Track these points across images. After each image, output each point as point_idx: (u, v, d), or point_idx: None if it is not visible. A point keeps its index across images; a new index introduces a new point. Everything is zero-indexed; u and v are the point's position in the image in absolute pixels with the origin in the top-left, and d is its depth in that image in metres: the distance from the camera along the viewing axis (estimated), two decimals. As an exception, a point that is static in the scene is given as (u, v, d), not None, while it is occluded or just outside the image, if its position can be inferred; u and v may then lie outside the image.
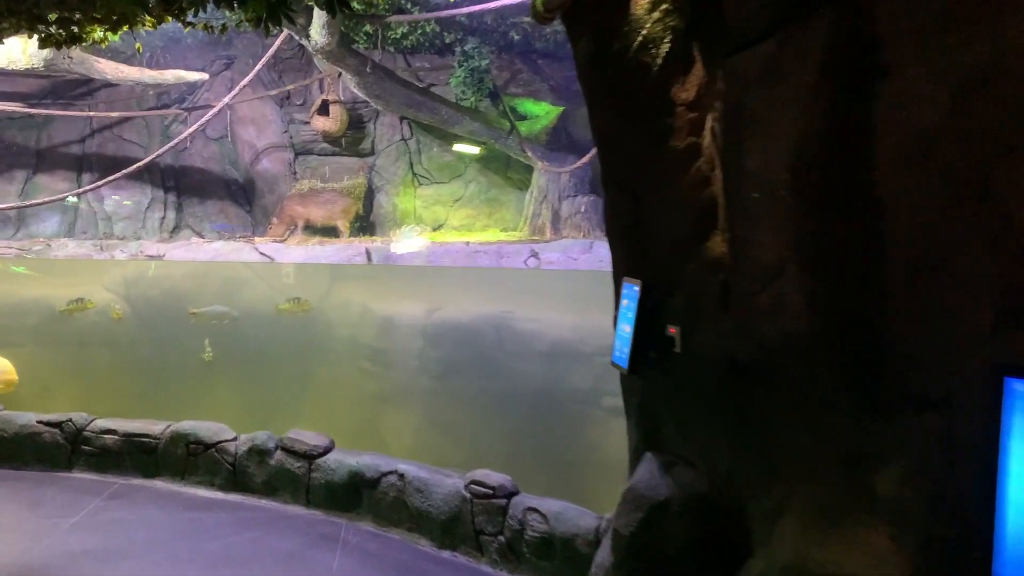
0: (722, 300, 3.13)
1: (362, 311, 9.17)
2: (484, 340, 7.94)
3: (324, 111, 12.38)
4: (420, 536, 5.72)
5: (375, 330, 8.83)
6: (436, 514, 5.56)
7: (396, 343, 8.57)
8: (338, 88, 12.41)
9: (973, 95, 1.90)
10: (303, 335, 9.21)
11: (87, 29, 5.73)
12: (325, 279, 9.80)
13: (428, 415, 8.04)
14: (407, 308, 8.70)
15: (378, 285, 9.51)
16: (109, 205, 12.69)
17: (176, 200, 13.00)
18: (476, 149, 12.47)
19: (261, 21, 5.47)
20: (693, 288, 3.36)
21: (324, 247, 9.97)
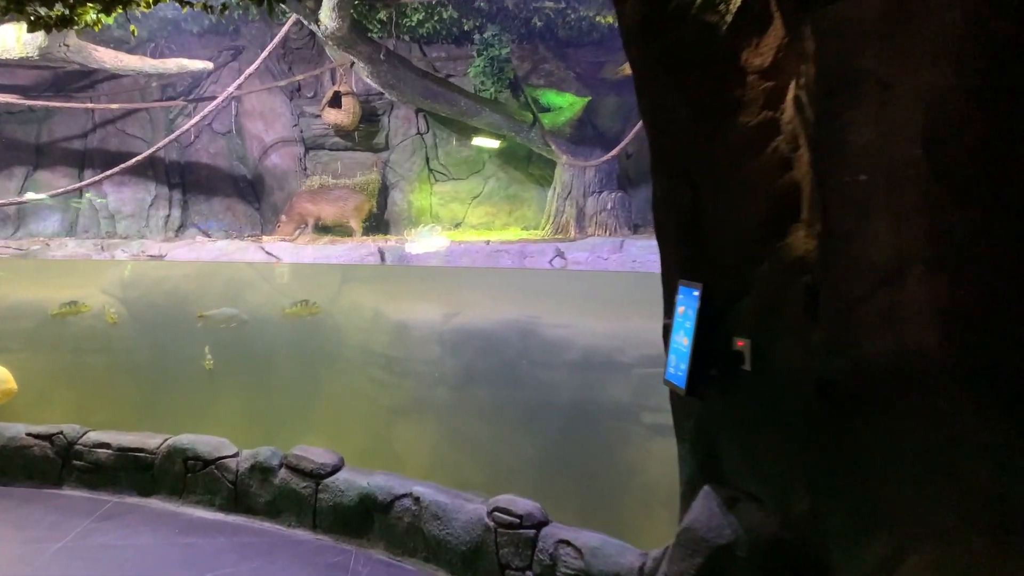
0: (808, 308, 2.61)
1: (374, 315, 8.70)
2: (508, 348, 7.42)
3: (336, 103, 12.00)
4: (438, 567, 5.24)
5: (388, 336, 8.35)
6: (455, 544, 5.08)
7: (411, 350, 8.08)
8: (350, 79, 12.02)
9: None
10: (310, 341, 8.76)
11: (79, 11, 5.40)
12: (335, 280, 9.35)
13: (446, 430, 7.53)
14: (423, 312, 8.21)
15: (392, 287, 9.04)
16: (112, 203, 12.37)
17: (181, 197, 12.68)
18: (496, 143, 12.04)
19: (263, 1, 5.04)
20: (768, 293, 2.85)
21: (335, 246, 9.53)
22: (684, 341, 3.08)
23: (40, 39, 8.65)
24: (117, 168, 8.38)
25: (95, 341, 8.72)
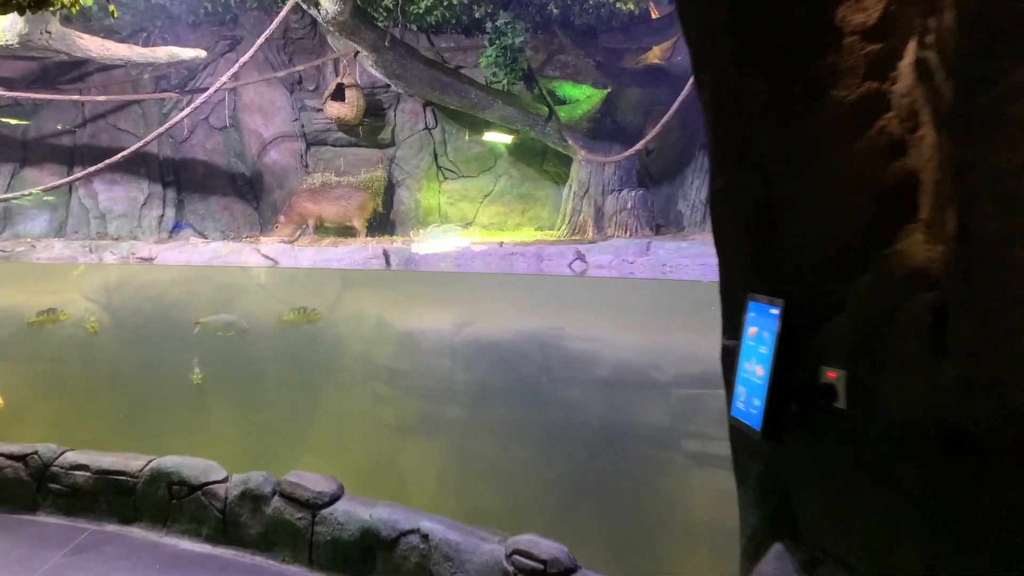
0: (933, 334, 2.06)
1: (378, 324, 8.15)
2: (527, 362, 6.83)
3: (339, 96, 11.50)
4: (449, 614, 4.70)
5: (393, 347, 7.79)
6: (469, 588, 4.54)
7: (419, 363, 7.51)
8: (354, 71, 11.52)
9: None
10: (308, 352, 8.21)
11: (53, -9, 4.99)
12: (335, 286, 8.81)
13: (458, 454, 6.94)
14: (432, 321, 7.65)
15: (397, 293, 8.48)
16: (103, 202, 11.91)
17: (176, 196, 12.24)
18: (509, 138, 11.52)
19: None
20: (870, 313, 2.31)
21: (337, 248, 9.00)
22: (758, 371, 2.53)
23: (20, 25, 8.18)
24: (102, 164, 7.88)
25: (74, 352, 8.20)
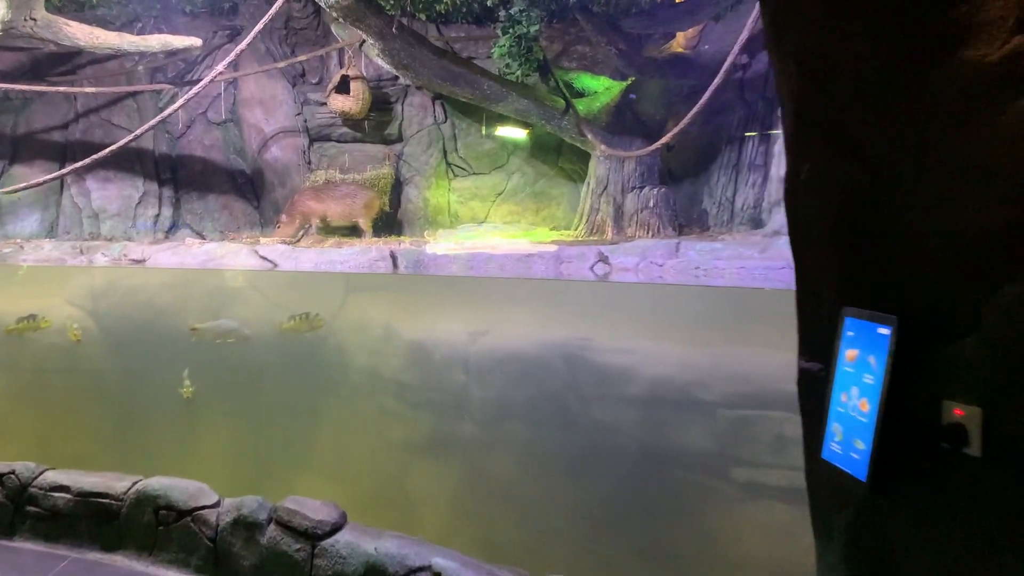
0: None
1: (385, 333, 7.67)
2: (551, 376, 6.31)
3: (343, 88, 11.07)
4: (465, 662, 4.24)
5: (401, 359, 7.30)
6: (488, 634, 4.08)
7: (429, 376, 7.01)
8: (359, 62, 11.09)
9: None
10: (308, 363, 7.74)
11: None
12: (338, 290, 8.33)
13: (473, 477, 6.43)
14: (443, 330, 7.15)
15: (406, 299, 7.99)
16: (96, 200, 11.52)
17: (172, 194, 11.84)
18: (522, 133, 11.05)
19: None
20: (1016, 332, 1.83)
21: (340, 250, 8.54)
22: (862, 405, 2.05)
23: (2, 10, 7.77)
24: (88, 159, 7.46)
25: (56, 362, 7.76)
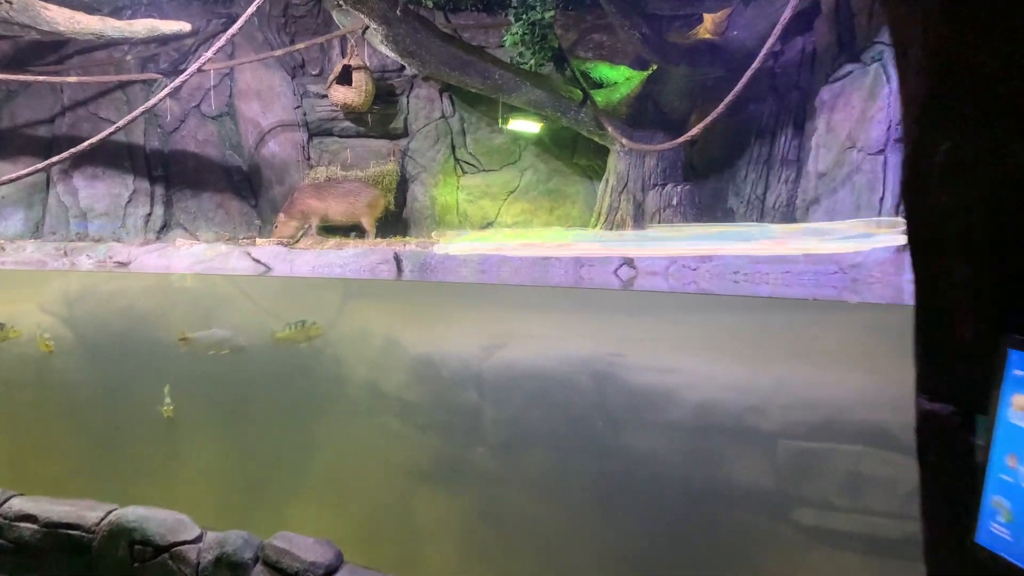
0: None
1: (387, 345, 7.09)
2: (577, 397, 5.69)
3: (345, 79, 10.56)
4: None
5: (405, 374, 6.72)
6: None
7: (437, 395, 6.43)
8: (362, 51, 10.59)
9: None
10: (302, 378, 7.18)
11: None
12: (335, 297, 7.77)
13: (485, 509, 5.84)
14: (453, 343, 6.56)
15: (411, 307, 7.42)
16: (83, 199, 11.04)
17: (164, 192, 11.36)
18: (535, 127, 10.51)
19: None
20: None
21: (340, 252, 7.99)
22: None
23: (-27, -6, 7.27)
24: (67, 153, 6.94)
25: (25, 375, 7.23)
